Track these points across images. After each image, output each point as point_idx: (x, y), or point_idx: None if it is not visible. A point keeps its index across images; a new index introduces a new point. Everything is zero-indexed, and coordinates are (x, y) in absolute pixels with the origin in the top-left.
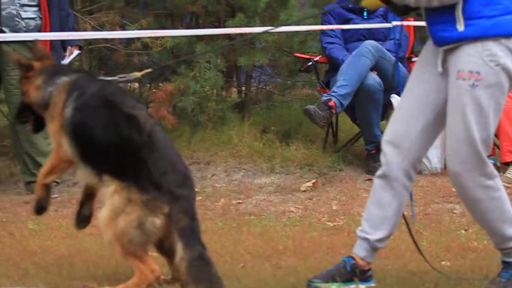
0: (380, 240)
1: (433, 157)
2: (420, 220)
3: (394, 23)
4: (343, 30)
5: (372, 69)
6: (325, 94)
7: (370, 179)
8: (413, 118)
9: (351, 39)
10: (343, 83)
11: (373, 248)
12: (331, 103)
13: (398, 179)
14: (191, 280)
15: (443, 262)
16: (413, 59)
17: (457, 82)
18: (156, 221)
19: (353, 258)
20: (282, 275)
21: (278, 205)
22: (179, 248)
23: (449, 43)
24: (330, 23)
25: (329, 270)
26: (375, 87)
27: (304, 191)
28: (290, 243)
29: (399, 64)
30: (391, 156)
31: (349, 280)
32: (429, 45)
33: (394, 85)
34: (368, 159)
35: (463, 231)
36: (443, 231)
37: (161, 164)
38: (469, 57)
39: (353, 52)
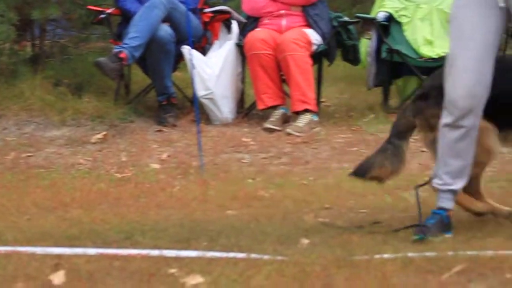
0: (461, 188)
1: (224, 108)
2: (208, 170)
3: None
4: None
5: (164, 21)
6: (116, 46)
7: (160, 130)
8: (484, 66)
9: None
10: (135, 35)
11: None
12: (122, 55)
13: (475, 126)
14: None
15: (229, 211)
16: (205, 10)
17: None
18: None
19: (445, 210)
20: (66, 226)
21: (68, 157)
22: None
23: None
24: None
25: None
26: (166, 38)
27: (94, 143)
28: (78, 195)
29: (191, 15)
30: (470, 106)
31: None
32: None
33: (185, 36)
34: (159, 110)
35: (250, 180)
36: (231, 180)
37: None
38: None
39: (145, 4)
